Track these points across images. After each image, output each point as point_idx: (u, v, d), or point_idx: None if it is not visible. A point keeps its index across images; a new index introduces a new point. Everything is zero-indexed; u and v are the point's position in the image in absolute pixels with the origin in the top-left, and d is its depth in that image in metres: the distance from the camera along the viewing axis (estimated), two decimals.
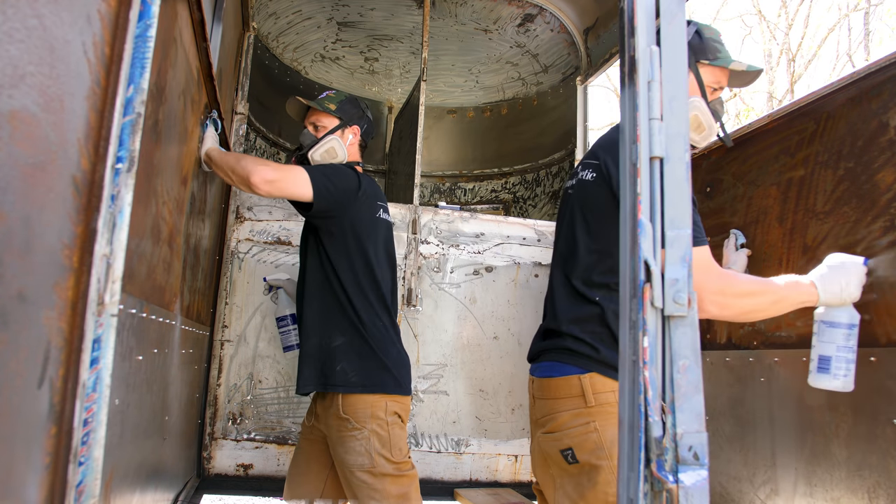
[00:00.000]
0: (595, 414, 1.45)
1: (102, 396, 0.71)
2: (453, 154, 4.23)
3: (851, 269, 1.46)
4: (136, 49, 0.77)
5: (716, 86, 1.62)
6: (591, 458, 1.43)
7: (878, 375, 1.53)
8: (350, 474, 1.85)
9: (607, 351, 1.47)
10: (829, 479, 1.64)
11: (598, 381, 1.46)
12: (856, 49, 10.13)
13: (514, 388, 2.87)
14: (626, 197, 0.89)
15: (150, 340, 1.35)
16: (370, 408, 1.85)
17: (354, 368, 1.87)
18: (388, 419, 1.86)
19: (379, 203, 2.05)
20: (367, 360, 1.89)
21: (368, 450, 1.83)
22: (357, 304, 1.90)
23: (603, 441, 1.43)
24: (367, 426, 1.84)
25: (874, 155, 1.60)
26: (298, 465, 2.05)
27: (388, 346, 1.92)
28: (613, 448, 1.41)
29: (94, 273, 0.70)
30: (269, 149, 3.64)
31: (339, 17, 3.41)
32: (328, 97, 2.13)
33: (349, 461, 1.84)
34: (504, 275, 2.92)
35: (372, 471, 1.82)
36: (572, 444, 1.46)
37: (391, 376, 1.89)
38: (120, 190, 0.73)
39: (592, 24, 3.17)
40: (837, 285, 1.45)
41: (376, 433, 1.84)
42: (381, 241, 2.02)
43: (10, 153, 0.54)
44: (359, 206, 1.95)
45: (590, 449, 1.43)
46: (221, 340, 2.61)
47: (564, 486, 1.48)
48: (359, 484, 1.83)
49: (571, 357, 1.51)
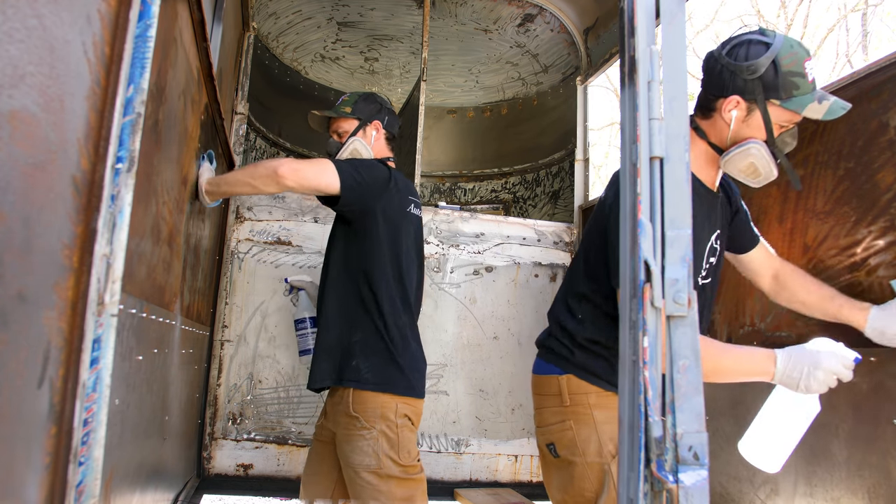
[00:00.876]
0: (570, 413, 1.52)
1: (102, 396, 0.71)
2: (453, 154, 4.23)
3: (824, 361, 1.29)
4: (136, 49, 0.77)
5: (787, 125, 1.42)
6: (568, 455, 1.51)
7: (878, 375, 1.53)
8: (355, 474, 1.83)
9: (581, 354, 1.52)
10: (829, 479, 1.64)
11: (574, 382, 1.52)
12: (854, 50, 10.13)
13: (514, 388, 2.87)
14: (626, 197, 0.90)
15: (150, 340, 1.35)
16: (380, 408, 1.82)
17: (368, 366, 1.84)
18: (397, 421, 1.83)
19: (410, 197, 2.01)
20: (382, 358, 1.85)
21: (376, 450, 1.80)
22: (381, 300, 1.86)
23: (577, 439, 1.50)
24: (376, 426, 1.81)
25: (874, 155, 1.60)
26: (311, 464, 2.04)
27: (404, 348, 1.88)
28: (586, 446, 1.48)
29: (94, 273, 0.70)
30: (270, 149, 3.64)
31: (339, 17, 3.41)
32: (343, 101, 2.12)
33: (355, 460, 1.82)
34: (504, 275, 2.92)
35: (378, 472, 1.79)
36: (553, 440, 1.55)
37: (404, 378, 1.86)
38: (120, 190, 0.73)
39: (592, 24, 3.17)
40: (799, 371, 1.29)
41: (385, 434, 1.81)
42: (412, 236, 1.97)
43: (10, 153, 0.54)
44: (389, 197, 1.90)
45: (566, 445, 1.52)
46: (221, 340, 2.61)
47: (554, 478, 1.58)
48: (363, 485, 1.81)
49: (553, 357, 1.58)
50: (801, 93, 1.36)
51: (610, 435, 1.48)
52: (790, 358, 1.30)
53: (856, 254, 1.62)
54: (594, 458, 1.48)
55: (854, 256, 1.63)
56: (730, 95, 1.40)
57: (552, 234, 3.01)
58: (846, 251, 1.64)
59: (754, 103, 1.38)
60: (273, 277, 2.68)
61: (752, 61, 1.36)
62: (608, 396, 1.50)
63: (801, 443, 1.37)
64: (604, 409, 1.50)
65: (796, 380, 1.29)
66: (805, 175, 1.81)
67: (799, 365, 1.29)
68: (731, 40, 1.43)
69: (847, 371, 1.30)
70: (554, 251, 2.99)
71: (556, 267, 2.99)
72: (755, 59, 1.36)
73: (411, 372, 1.89)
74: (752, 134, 1.40)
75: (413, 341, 1.94)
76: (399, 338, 1.88)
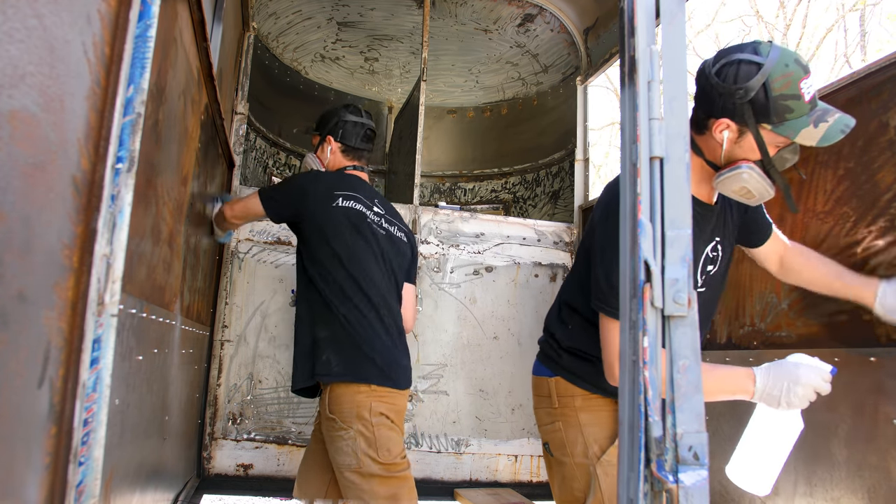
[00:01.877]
0: (558, 415, 1.55)
1: (102, 396, 0.71)
2: (453, 154, 4.23)
3: (803, 376, 1.26)
4: (136, 49, 0.77)
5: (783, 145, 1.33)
6: (560, 455, 1.55)
7: (878, 375, 1.53)
8: (340, 474, 1.88)
9: (568, 358, 1.54)
10: (829, 479, 1.64)
11: (562, 385, 1.55)
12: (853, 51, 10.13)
13: (514, 388, 2.87)
14: (626, 197, 0.90)
15: (150, 340, 1.35)
16: (355, 408, 1.85)
17: (339, 360, 1.88)
18: (372, 420, 1.85)
19: (337, 193, 2.02)
20: (351, 350, 1.89)
21: (355, 450, 1.84)
22: (334, 300, 1.92)
23: (565, 441, 1.53)
24: (353, 427, 1.85)
25: (874, 155, 1.60)
26: (306, 463, 2.09)
27: (373, 339, 1.90)
28: (574, 447, 1.51)
29: (94, 273, 0.70)
30: (269, 148, 3.64)
31: (339, 17, 3.41)
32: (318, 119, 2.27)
33: (338, 461, 1.87)
34: (504, 275, 2.92)
35: (359, 471, 1.83)
36: (547, 440, 1.59)
37: (376, 367, 1.88)
38: (120, 190, 0.73)
39: (592, 24, 3.17)
40: (779, 389, 1.27)
41: (362, 434, 1.84)
42: (348, 229, 1.98)
43: (10, 153, 0.54)
44: (310, 202, 1.99)
45: (557, 446, 1.55)
46: (221, 340, 2.61)
47: (554, 475, 1.62)
48: (347, 484, 1.86)
49: (545, 359, 1.61)
50: (796, 116, 1.27)
51: (595, 437, 1.49)
52: (769, 375, 1.28)
53: (856, 254, 1.62)
54: (581, 458, 1.50)
55: (854, 257, 1.62)
56: (720, 117, 1.31)
57: (552, 234, 3.01)
58: (846, 251, 1.64)
59: (745, 127, 1.30)
60: (273, 277, 2.68)
61: (742, 85, 1.26)
62: (594, 399, 1.51)
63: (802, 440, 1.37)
64: (589, 411, 1.51)
65: (777, 397, 1.27)
66: (806, 177, 1.81)
67: (778, 382, 1.27)
68: (723, 56, 1.32)
69: (826, 384, 1.28)
70: (554, 251, 2.99)
71: (556, 267, 2.99)
72: (745, 83, 1.26)
73: (384, 361, 1.90)
74: (746, 155, 1.32)
75: (384, 333, 1.94)
76: (365, 330, 1.91)
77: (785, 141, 1.31)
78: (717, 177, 1.36)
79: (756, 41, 1.32)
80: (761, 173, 1.31)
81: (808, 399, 1.28)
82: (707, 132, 1.36)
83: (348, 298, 1.92)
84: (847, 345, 1.63)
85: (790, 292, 1.83)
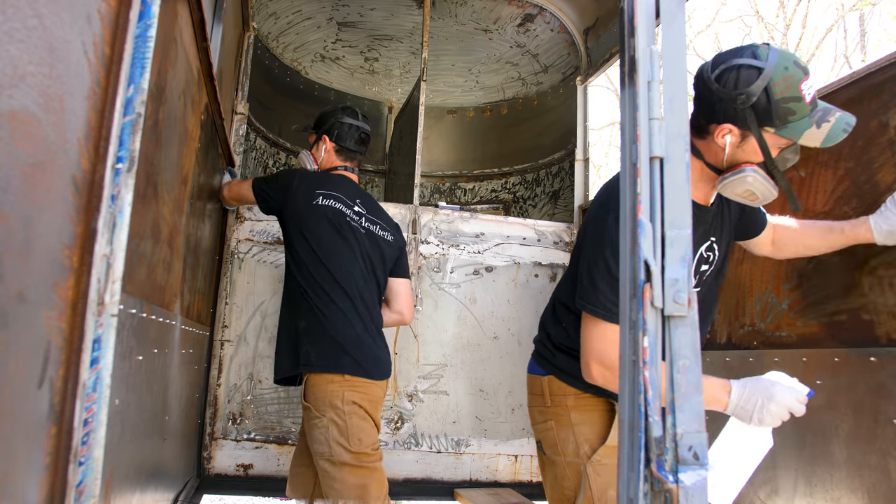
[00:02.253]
0: (551, 414, 1.56)
1: (102, 396, 0.71)
2: (453, 154, 4.23)
3: (778, 395, 1.26)
4: (136, 49, 0.77)
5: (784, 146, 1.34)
6: (552, 453, 1.56)
7: (879, 375, 1.53)
8: (316, 464, 1.93)
9: (562, 357, 1.54)
10: (829, 479, 1.64)
11: (555, 383, 1.55)
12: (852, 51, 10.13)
13: (514, 388, 2.87)
14: (625, 197, 0.89)
15: (150, 340, 1.35)
16: (328, 396, 1.91)
17: (316, 350, 1.95)
18: (345, 408, 1.90)
19: (319, 191, 2.09)
20: (326, 342, 1.95)
21: (327, 438, 1.89)
22: (310, 292, 1.99)
23: (557, 439, 1.54)
24: (326, 415, 1.90)
25: (874, 155, 1.60)
26: (296, 458, 2.13)
27: (346, 329, 1.96)
28: (565, 446, 1.52)
29: (94, 273, 0.70)
30: (269, 148, 3.63)
31: (339, 17, 3.41)
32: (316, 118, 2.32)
33: (314, 449, 1.92)
34: (504, 275, 2.92)
35: (331, 459, 1.88)
36: (540, 438, 1.60)
37: (349, 357, 1.94)
38: (120, 190, 0.73)
39: (592, 24, 3.17)
40: (753, 404, 1.27)
41: (334, 422, 1.89)
42: (325, 226, 2.05)
43: (10, 153, 0.53)
44: (292, 198, 2.07)
45: (549, 444, 1.56)
46: (221, 340, 2.61)
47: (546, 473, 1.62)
48: (321, 473, 1.91)
49: (539, 358, 1.62)
50: (798, 118, 1.28)
51: (586, 436, 1.50)
52: (744, 390, 1.28)
53: (856, 253, 1.62)
54: (572, 458, 1.50)
55: (854, 256, 1.63)
56: (722, 123, 1.31)
57: (552, 234, 3.01)
58: (846, 251, 1.64)
59: (748, 131, 1.30)
60: (273, 277, 2.68)
61: (743, 90, 1.26)
62: (586, 398, 1.52)
63: (802, 440, 1.37)
64: (581, 410, 1.52)
65: (749, 412, 1.27)
66: (805, 175, 1.81)
67: (753, 397, 1.27)
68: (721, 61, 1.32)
69: (800, 406, 1.28)
70: (554, 251, 2.99)
71: (555, 267, 2.99)
72: (746, 88, 1.26)
73: (359, 353, 1.95)
74: (749, 158, 1.33)
75: (360, 326, 2.00)
76: (340, 321, 1.97)
77: (787, 142, 1.32)
78: (721, 180, 1.37)
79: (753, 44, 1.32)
80: (765, 175, 1.32)
81: (781, 418, 1.27)
82: (708, 136, 1.37)
83: (325, 292, 1.99)
84: (847, 345, 1.63)
85: (790, 292, 1.83)
